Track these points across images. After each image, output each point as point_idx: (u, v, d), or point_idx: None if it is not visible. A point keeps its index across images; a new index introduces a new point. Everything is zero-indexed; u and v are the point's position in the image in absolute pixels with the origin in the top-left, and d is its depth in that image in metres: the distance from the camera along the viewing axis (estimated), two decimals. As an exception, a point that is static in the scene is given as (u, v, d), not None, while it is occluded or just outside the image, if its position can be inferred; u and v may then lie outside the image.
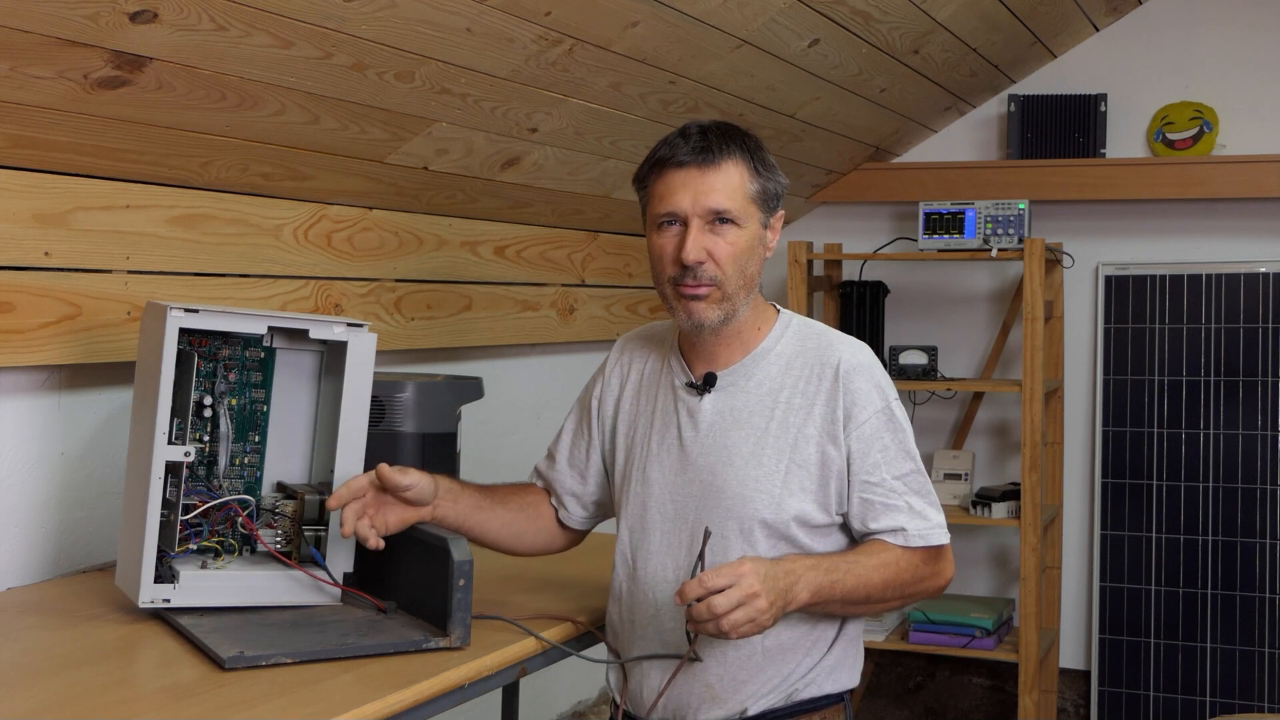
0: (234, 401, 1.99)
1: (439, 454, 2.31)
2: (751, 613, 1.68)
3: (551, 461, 2.12)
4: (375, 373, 1.98)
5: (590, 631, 2.02)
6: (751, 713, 1.89)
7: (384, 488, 1.86)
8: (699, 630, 1.72)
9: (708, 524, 1.85)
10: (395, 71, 2.36)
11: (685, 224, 1.88)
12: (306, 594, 1.93)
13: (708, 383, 1.94)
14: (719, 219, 1.87)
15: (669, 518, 1.93)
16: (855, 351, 1.93)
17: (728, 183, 1.88)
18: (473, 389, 2.35)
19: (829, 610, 1.88)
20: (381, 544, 1.84)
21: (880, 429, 1.89)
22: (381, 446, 2.20)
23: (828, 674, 1.93)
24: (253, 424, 2.01)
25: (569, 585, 2.19)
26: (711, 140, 1.90)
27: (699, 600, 1.68)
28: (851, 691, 1.99)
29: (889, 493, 1.89)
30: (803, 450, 1.88)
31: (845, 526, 1.94)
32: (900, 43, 3.37)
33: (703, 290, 1.87)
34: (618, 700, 1.98)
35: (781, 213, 1.98)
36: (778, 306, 2.02)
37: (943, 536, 1.92)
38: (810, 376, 1.91)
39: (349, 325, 1.95)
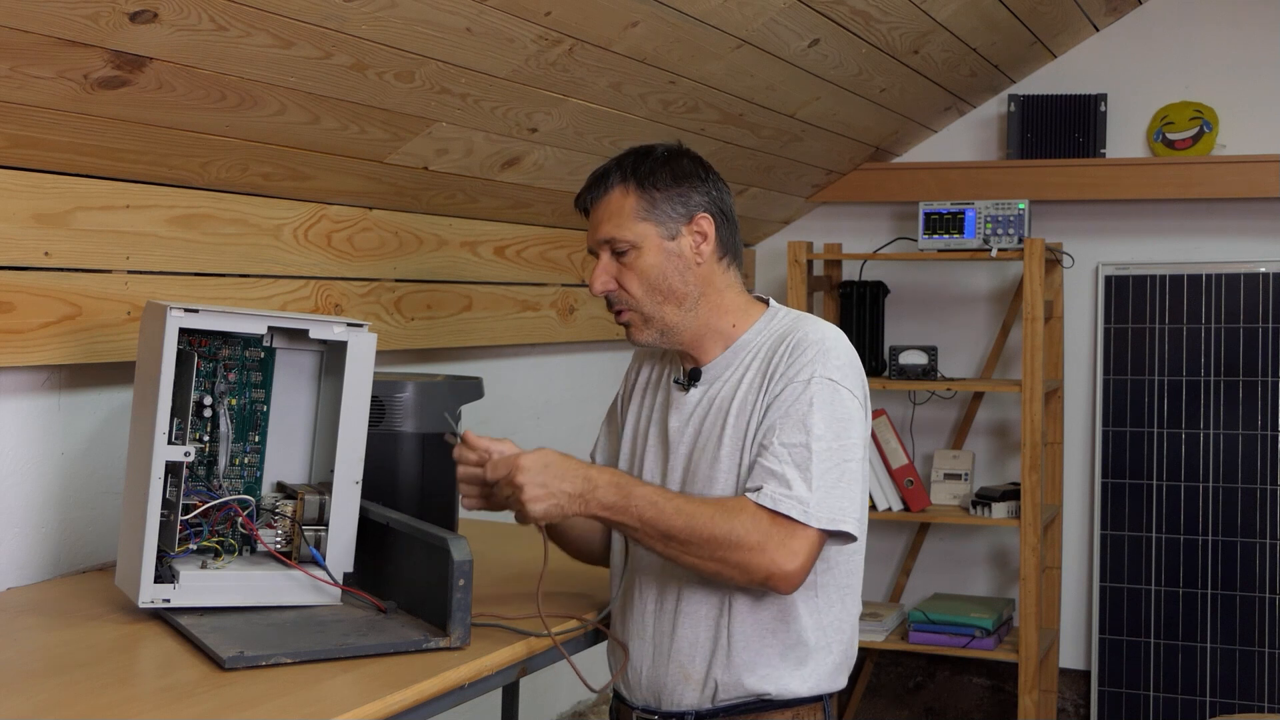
0: (234, 401, 1.99)
1: (439, 454, 2.30)
2: (512, 501, 1.84)
3: None
4: (375, 373, 1.98)
5: (598, 629, 2.02)
6: (722, 697, 1.91)
7: None
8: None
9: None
10: (395, 71, 2.36)
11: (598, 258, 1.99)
12: (306, 594, 1.93)
13: (692, 377, 2.00)
14: (613, 249, 1.96)
15: None
16: (817, 332, 1.91)
17: (611, 212, 1.96)
18: (473, 389, 2.35)
19: (637, 538, 1.86)
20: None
21: (793, 397, 1.86)
22: (381, 446, 2.20)
23: (802, 681, 1.91)
24: (253, 424, 2.01)
25: (569, 585, 2.18)
26: (597, 175, 1.99)
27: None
28: (833, 695, 1.96)
29: (772, 457, 1.83)
30: (753, 427, 1.90)
31: None
32: (900, 43, 3.37)
33: (624, 316, 1.98)
34: (619, 687, 2.02)
35: (704, 214, 1.97)
36: (769, 301, 2.04)
37: (795, 510, 1.79)
38: (771, 357, 1.93)
39: (349, 325, 1.95)
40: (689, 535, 1.80)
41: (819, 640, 1.92)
